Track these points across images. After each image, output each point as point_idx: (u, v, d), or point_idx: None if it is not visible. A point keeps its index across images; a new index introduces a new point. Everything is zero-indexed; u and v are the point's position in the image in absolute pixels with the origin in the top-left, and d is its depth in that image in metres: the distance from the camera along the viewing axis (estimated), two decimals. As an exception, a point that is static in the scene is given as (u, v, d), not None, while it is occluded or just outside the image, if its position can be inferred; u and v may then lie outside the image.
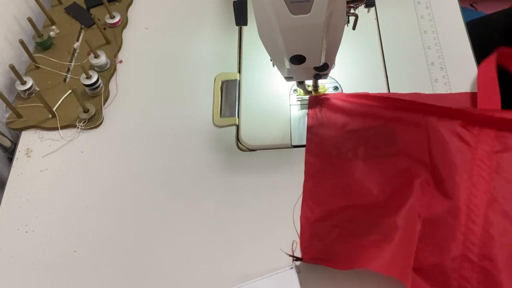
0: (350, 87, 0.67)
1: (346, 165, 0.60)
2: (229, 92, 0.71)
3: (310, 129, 0.64)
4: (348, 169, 0.60)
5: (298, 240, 0.57)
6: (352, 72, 0.69)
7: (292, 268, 0.55)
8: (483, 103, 0.62)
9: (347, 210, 0.57)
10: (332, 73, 0.68)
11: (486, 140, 0.57)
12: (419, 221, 0.55)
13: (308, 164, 0.61)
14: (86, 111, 0.70)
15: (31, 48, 0.76)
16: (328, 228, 0.57)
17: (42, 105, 0.69)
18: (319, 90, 0.67)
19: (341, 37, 0.53)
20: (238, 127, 0.68)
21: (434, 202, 0.56)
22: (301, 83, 0.65)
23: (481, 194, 0.54)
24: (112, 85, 0.74)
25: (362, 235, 0.56)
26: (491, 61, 0.65)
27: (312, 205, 0.59)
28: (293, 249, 0.56)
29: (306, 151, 0.62)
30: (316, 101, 0.66)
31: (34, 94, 0.71)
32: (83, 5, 0.82)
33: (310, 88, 0.67)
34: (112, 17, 0.78)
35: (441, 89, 0.67)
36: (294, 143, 0.65)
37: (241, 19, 0.52)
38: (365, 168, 0.59)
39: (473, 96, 0.65)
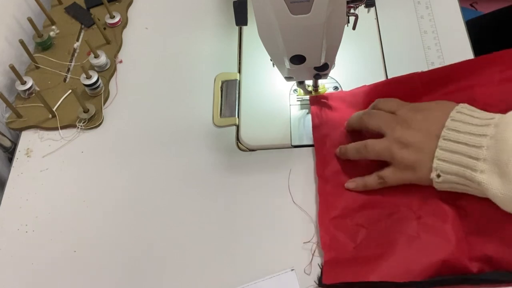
0: (350, 87, 0.67)
1: (358, 160, 0.60)
2: (229, 92, 0.71)
3: (315, 127, 0.64)
4: (360, 164, 0.60)
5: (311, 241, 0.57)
6: (352, 72, 0.69)
7: (292, 270, 0.55)
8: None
9: (366, 208, 0.58)
10: (332, 73, 0.68)
11: None
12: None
13: (320, 162, 0.62)
14: (86, 111, 0.70)
15: (31, 48, 0.76)
16: (354, 228, 0.56)
17: (42, 105, 0.69)
18: (319, 90, 0.67)
19: (341, 37, 0.53)
20: (238, 127, 0.67)
21: None
22: (301, 83, 0.65)
23: None
24: (112, 85, 0.73)
25: (392, 239, 0.54)
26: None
27: (329, 202, 0.59)
28: (312, 252, 0.56)
29: (316, 149, 0.63)
30: (317, 100, 0.66)
31: (34, 94, 0.71)
32: (83, 5, 0.82)
33: (310, 88, 0.67)
34: (112, 17, 0.78)
35: (441, 89, 0.67)
36: (294, 143, 0.65)
37: (241, 19, 0.52)
38: (377, 161, 0.59)
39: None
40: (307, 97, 0.67)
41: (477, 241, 0.53)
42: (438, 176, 0.53)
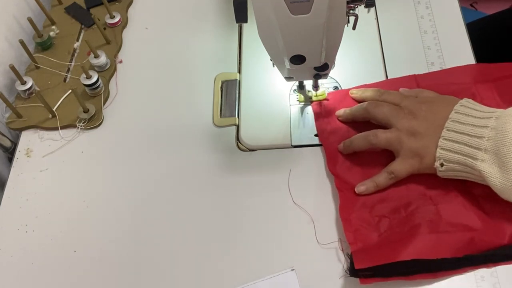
0: (350, 87, 0.67)
1: (369, 152, 0.61)
2: (229, 92, 0.71)
3: (319, 125, 0.65)
4: (372, 156, 0.61)
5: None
6: (352, 72, 0.69)
7: (292, 270, 0.55)
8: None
9: (384, 202, 0.58)
10: (332, 73, 0.68)
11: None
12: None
13: (330, 159, 0.62)
14: (86, 111, 0.70)
15: (31, 48, 0.76)
16: (375, 219, 0.57)
17: (42, 105, 0.69)
18: (318, 96, 0.66)
19: (341, 37, 0.53)
20: (238, 127, 0.67)
21: None
22: (301, 88, 0.65)
23: None
24: (112, 85, 0.74)
25: (415, 224, 0.55)
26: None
27: (348, 197, 0.59)
28: (342, 248, 0.56)
29: (324, 146, 0.63)
30: (318, 103, 0.66)
31: (34, 94, 0.71)
32: (83, 5, 0.82)
33: (310, 94, 0.67)
34: (112, 17, 0.78)
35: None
36: (294, 143, 0.65)
37: (241, 16, 0.52)
38: (387, 152, 0.60)
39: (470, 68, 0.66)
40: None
41: (503, 221, 0.54)
42: (442, 165, 0.54)
